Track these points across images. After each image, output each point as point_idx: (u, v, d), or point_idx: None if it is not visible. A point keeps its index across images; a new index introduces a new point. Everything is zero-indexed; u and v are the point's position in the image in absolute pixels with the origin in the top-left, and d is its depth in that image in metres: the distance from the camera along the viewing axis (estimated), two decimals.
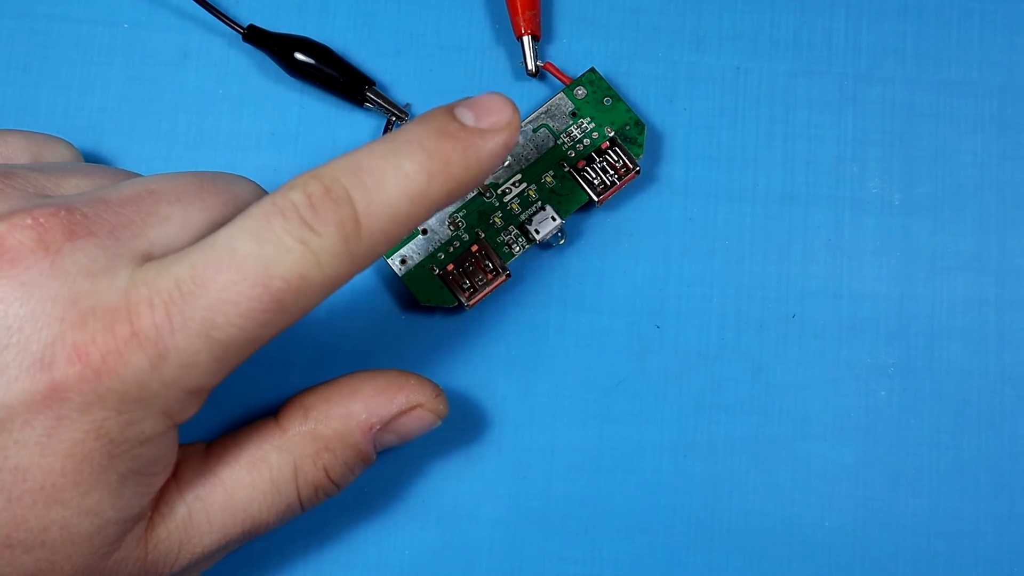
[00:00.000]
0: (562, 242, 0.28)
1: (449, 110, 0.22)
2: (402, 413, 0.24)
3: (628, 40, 0.29)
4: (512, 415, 0.28)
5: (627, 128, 0.28)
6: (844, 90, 0.29)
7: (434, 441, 0.27)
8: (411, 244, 0.27)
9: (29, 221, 0.19)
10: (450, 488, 0.27)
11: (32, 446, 0.19)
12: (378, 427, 0.24)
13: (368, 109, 0.29)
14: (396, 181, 0.20)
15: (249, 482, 0.23)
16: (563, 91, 0.28)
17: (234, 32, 0.29)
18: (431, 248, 0.27)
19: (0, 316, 0.19)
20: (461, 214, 0.28)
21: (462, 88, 0.29)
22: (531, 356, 0.28)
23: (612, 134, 0.28)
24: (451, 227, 0.27)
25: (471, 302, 0.27)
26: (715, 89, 0.29)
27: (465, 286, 0.27)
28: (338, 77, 0.28)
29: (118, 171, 0.23)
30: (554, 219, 0.27)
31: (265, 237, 0.19)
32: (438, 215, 0.27)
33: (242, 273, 0.19)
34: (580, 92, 0.28)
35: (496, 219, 0.28)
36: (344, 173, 0.20)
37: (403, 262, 0.27)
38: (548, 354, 0.28)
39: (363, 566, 0.27)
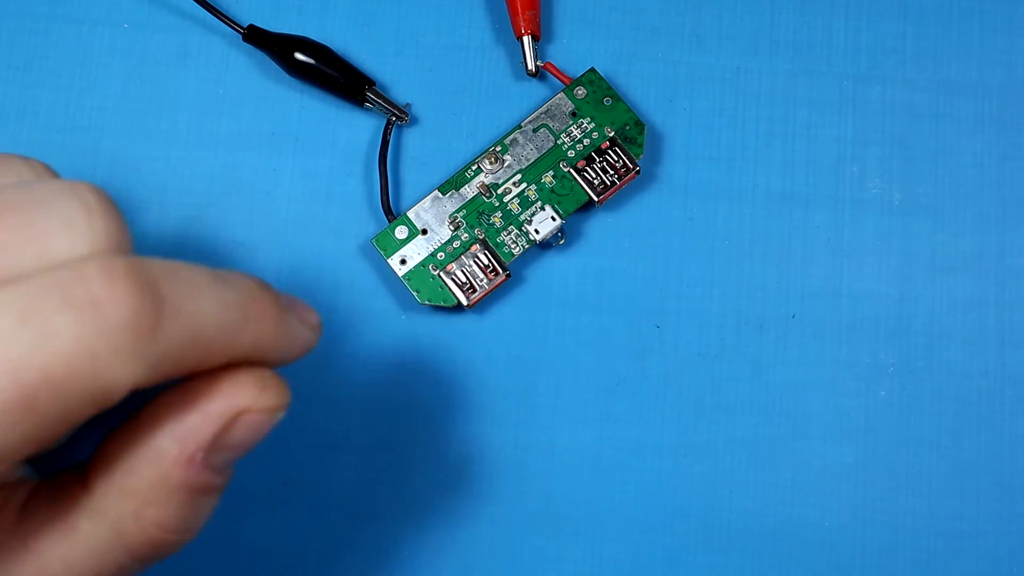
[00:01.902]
0: (562, 242, 0.28)
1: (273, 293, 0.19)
2: (225, 429, 0.18)
3: (628, 40, 0.29)
4: (512, 415, 0.28)
5: (627, 128, 0.28)
6: (844, 90, 0.29)
7: (434, 441, 0.27)
8: (411, 244, 0.27)
9: None
10: (450, 488, 0.27)
11: None
12: (201, 456, 0.18)
13: (368, 109, 0.29)
14: (214, 300, 0.17)
15: (62, 555, 0.18)
16: (563, 91, 0.28)
17: (234, 32, 0.29)
18: (431, 248, 0.27)
19: None
20: (461, 214, 0.28)
21: (462, 88, 0.29)
22: (531, 356, 0.28)
23: (612, 134, 0.28)
24: (451, 227, 0.27)
25: (471, 302, 0.27)
26: (715, 89, 0.29)
27: (465, 286, 0.27)
28: (338, 77, 0.28)
29: None
30: (554, 219, 0.27)
31: (32, 316, 0.15)
32: (437, 215, 0.27)
33: None
34: (580, 92, 0.28)
35: (496, 219, 0.28)
36: (159, 265, 0.17)
37: (403, 262, 0.27)
38: (548, 354, 0.28)
39: (363, 566, 0.27)
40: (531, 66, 0.29)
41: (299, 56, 0.28)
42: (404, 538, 0.27)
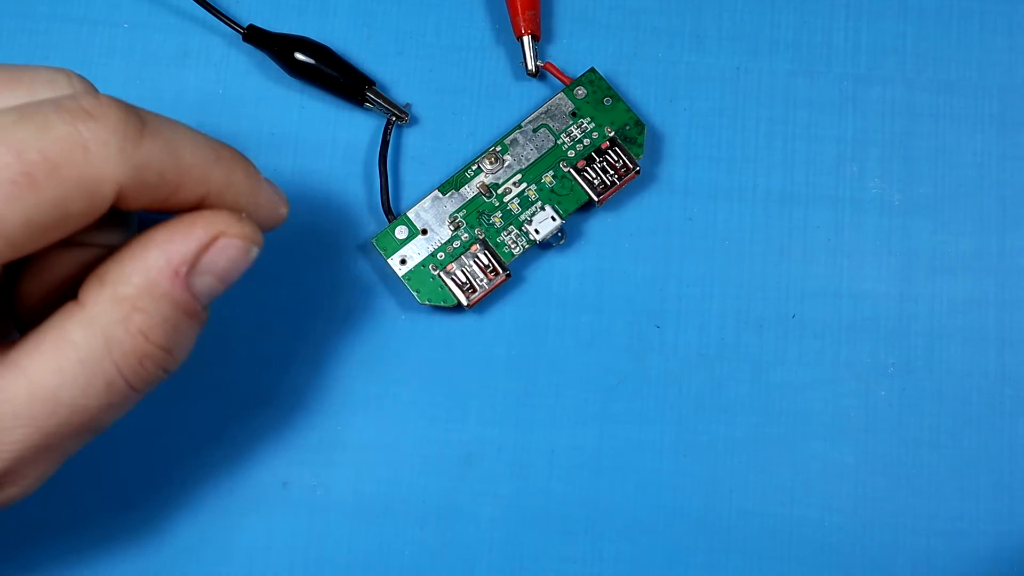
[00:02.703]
0: (562, 242, 0.28)
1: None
2: (205, 247, 0.21)
3: (628, 40, 0.29)
4: (512, 415, 0.28)
5: (627, 128, 0.28)
6: (844, 90, 0.29)
7: (434, 441, 0.27)
8: (411, 244, 0.27)
9: None
10: (450, 488, 0.27)
11: None
12: (185, 269, 0.21)
13: (368, 109, 0.29)
14: (189, 134, 0.20)
15: (54, 367, 0.20)
16: (563, 91, 0.28)
17: (234, 32, 0.29)
18: (431, 248, 0.27)
19: None
20: (461, 214, 0.28)
21: (462, 88, 0.29)
22: (531, 356, 0.28)
23: (612, 134, 0.28)
24: (451, 227, 0.27)
25: (471, 302, 0.27)
26: (715, 89, 0.29)
27: (465, 286, 0.27)
28: (338, 77, 0.28)
29: None
30: (554, 219, 0.27)
31: (33, 113, 0.18)
32: (437, 215, 0.27)
33: None
34: (580, 92, 0.28)
35: (496, 219, 0.28)
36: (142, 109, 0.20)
37: (403, 262, 0.27)
38: (548, 354, 0.28)
39: (363, 566, 0.27)
40: (531, 66, 0.29)
41: (299, 56, 0.28)
42: (404, 538, 0.27)
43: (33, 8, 0.29)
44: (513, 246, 0.27)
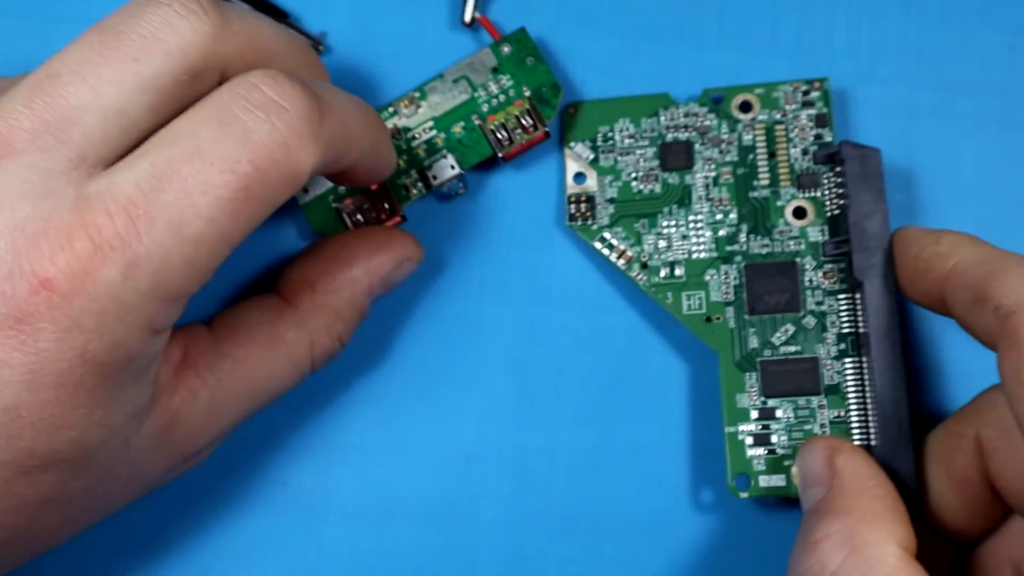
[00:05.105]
0: (461, 192, 0.28)
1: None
2: (395, 267, 0.25)
3: (628, 40, 0.29)
4: (512, 415, 0.28)
5: (543, 90, 0.28)
6: (844, 90, 0.29)
7: (434, 441, 0.27)
8: (320, 176, 0.27)
9: None
10: (450, 488, 0.27)
11: (17, 385, 0.18)
12: (376, 285, 0.25)
13: None
14: (346, 99, 0.21)
15: (268, 361, 0.23)
16: (490, 47, 0.28)
17: None
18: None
19: None
20: None
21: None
22: (531, 356, 0.28)
23: (528, 93, 0.28)
24: None
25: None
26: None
27: (359, 222, 0.27)
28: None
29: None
30: (453, 167, 0.27)
31: (228, 120, 0.19)
32: None
33: (207, 159, 0.18)
34: (505, 49, 0.28)
35: (400, 161, 0.28)
36: (301, 74, 0.20)
37: (306, 191, 0.27)
38: (548, 354, 0.28)
39: (363, 566, 0.27)
40: (467, 16, 0.28)
41: None
42: (405, 538, 0.27)
43: (33, 8, 0.29)
44: (412, 189, 0.28)
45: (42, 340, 0.18)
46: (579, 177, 0.28)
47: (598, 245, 0.28)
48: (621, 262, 0.27)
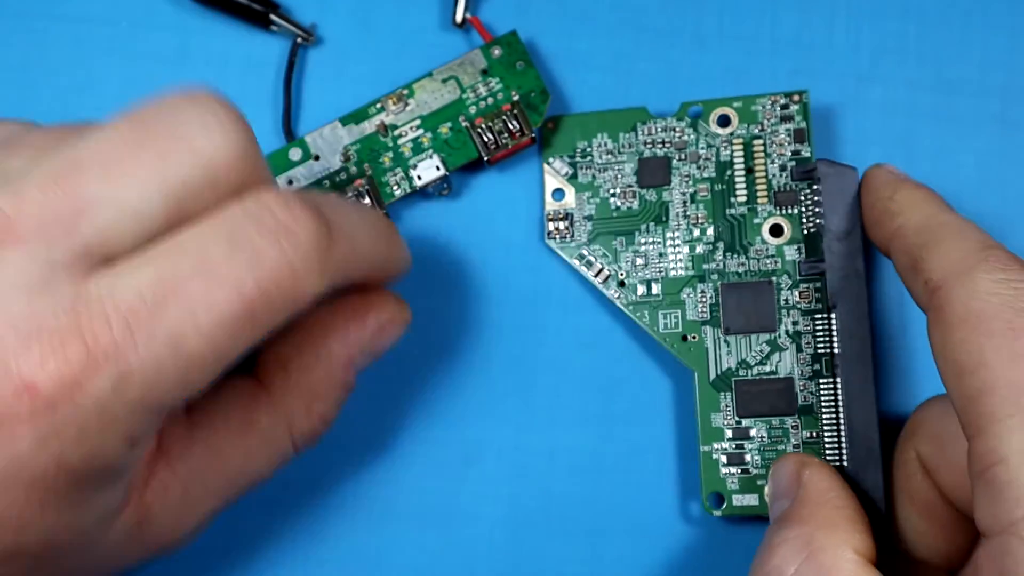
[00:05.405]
0: (445, 193, 0.28)
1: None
2: (375, 335, 0.23)
3: (628, 40, 0.29)
4: (512, 415, 0.28)
5: (532, 95, 0.28)
6: (844, 90, 0.29)
7: (434, 441, 0.27)
8: (302, 168, 0.28)
9: None
10: (450, 488, 0.27)
11: None
12: (357, 356, 0.23)
13: (274, 32, 0.29)
14: (357, 219, 0.21)
15: (243, 448, 0.22)
16: (480, 48, 0.28)
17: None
18: (318, 175, 0.28)
19: None
20: (355, 148, 0.28)
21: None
22: (531, 356, 0.28)
23: (516, 98, 0.28)
24: (343, 158, 0.28)
25: None
26: (715, 89, 0.29)
27: None
28: (239, 1, 0.28)
29: (64, 130, 0.20)
30: (438, 168, 0.27)
31: (239, 239, 0.18)
32: (332, 144, 0.28)
33: (215, 277, 0.18)
34: (496, 52, 0.28)
35: (386, 159, 0.28)
36: (314, 195, 0.20)
37: (290, 182, 0.28)
38: (548, 354, 0.28)
39: (363, 566, 0.27)
40: (459, 17, 0.28)
41: None
42: (404, 538, 0.27)
43: (31, 7, 0.29)
44: (396, 188, 0.28)
45: (18, 444, 0.17)
46: (557, 193, 0.28)
47: (576, 262, 0.28)
48: (599, 280, 0.27)
